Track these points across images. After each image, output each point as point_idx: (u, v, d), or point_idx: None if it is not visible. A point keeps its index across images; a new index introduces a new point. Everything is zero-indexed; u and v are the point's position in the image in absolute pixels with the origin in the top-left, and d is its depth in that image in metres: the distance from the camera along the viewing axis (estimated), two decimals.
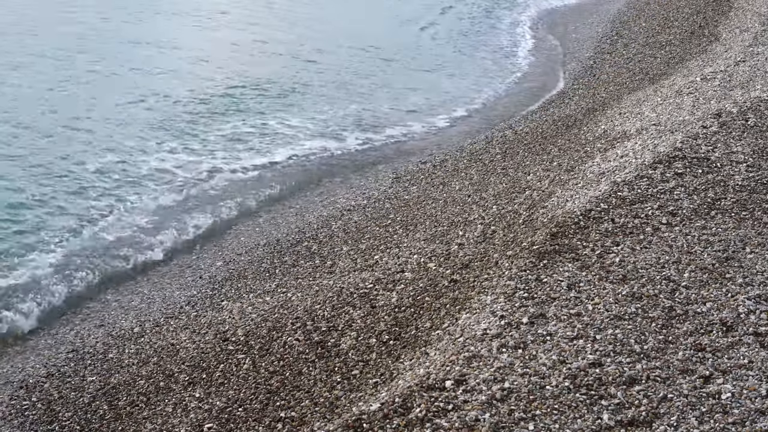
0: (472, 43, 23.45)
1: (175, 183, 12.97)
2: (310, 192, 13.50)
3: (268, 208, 12.81)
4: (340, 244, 11.03)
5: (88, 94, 16.30)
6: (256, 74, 18.65)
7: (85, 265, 10.36)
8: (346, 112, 16.77)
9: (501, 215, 10.14)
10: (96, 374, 8.40)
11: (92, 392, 8.14)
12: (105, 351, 8.82)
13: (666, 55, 18.66)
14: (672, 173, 9.41)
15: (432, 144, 15.86)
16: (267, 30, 22.95)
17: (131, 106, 15.95)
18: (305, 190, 13.47)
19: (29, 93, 16.08)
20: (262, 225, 12.13)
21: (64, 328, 9.40)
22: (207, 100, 16.75)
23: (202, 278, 10.42)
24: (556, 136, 14.01)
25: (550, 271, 7.40)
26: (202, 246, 11.45)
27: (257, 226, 12.10)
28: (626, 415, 5.48)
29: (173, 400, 7.76)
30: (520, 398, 5.65)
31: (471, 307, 7.26)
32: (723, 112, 11.47)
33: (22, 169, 12.81)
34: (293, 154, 14.52)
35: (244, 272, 10.48)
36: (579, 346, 6.21)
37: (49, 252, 10.47)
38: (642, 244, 7.83)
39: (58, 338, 9.20)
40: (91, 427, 7.62)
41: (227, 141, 14.95)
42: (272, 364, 7.93)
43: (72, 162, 13.17)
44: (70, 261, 10.39)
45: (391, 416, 5.64)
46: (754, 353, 6.09)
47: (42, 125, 14.57)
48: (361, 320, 8.23)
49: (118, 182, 12.73)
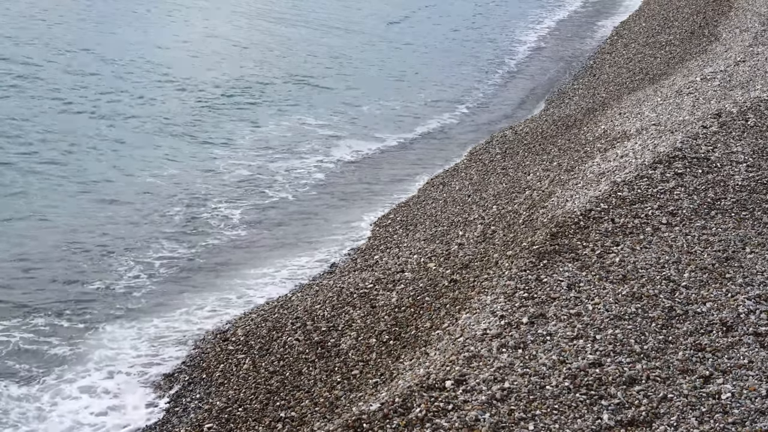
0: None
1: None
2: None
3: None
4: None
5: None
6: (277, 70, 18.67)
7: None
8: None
9: (501, 215, 10.14)
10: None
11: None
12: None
13: (666, 55, 18.67)
14: (672, 173, 9.41)
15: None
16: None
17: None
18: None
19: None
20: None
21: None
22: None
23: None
24: (556, 136, 14.01)
25: (550, 271, 7.40)
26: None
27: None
28: (626, 415, 5.48)
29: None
30: (520, 398, 5.65)
31: (471, 307, 7.26)
32: (723, 112, 11.47)
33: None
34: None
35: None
36: (579, 346, 6.21)
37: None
38: (642, 244, 7.83)
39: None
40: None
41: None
42: (272, 364, 7.93)
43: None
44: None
45: (391, 416, 5.64)
46: (754, 353, 6.09)
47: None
48: (361, 320, 8.23)
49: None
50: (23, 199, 11.99)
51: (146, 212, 11.93)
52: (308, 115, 16.61)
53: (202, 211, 12.18)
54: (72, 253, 10.65)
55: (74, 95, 16.13)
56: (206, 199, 12.49)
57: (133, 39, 20.42)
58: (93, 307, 9.58)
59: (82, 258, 10.59)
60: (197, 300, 9.78)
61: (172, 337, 8.99)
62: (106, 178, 12.97)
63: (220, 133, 15.27)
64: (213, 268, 10.62)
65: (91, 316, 9.39)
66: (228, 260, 10.80)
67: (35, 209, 11.69)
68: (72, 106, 15.62)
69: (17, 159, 13.22)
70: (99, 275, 10.22)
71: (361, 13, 25.83)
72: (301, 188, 13.26)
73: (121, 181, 12.93)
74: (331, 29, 23.46)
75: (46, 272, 10.19)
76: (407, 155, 15.20)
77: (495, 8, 28.16)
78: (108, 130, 14.80)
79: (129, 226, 11.52)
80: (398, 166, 14.61)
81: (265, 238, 11.56)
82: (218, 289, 10.06)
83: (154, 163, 13.63)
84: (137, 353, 8.74)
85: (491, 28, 25.50)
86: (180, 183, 12.97)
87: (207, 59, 19.69)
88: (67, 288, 9.95)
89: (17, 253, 10.57)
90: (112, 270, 10.37)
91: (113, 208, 11.97)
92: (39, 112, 15.12)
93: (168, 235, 11.33)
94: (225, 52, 20.54)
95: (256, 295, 9.84)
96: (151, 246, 11.04)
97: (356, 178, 13.93)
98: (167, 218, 11.80)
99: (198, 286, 10.15)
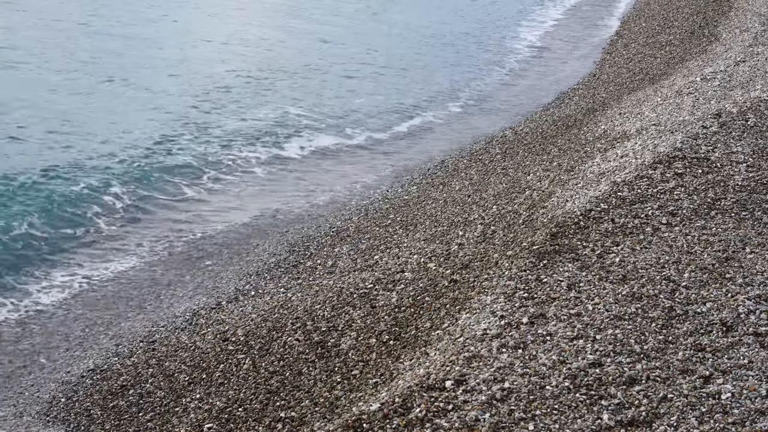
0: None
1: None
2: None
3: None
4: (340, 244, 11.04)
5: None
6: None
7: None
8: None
9: (501, 215, 10.14)
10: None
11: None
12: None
13: (666, 55, 18.67)
14: (672, 173, 9.41)
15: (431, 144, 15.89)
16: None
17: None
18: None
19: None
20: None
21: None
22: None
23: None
24: (556, 136, 14.01)
25: (550, 271, 7.40)
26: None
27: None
28: (626, 415, 5.48)
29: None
30: (520, 398, 5.65)
31: (471, 307, 7.26)
32: (723, 112, 11.47)
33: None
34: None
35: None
36: (579, 346, 6.22)
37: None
38: (642, 244, 7.83)
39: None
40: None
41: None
42: (272, 364, 7.93)
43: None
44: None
45: (391, 416, 5.64)
46: (754, 353, 6.09)
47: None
48: (361, 320, 8.23)
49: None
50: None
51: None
52: (293, 107, 16.66)
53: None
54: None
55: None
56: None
57: (131, 33, 20.50)
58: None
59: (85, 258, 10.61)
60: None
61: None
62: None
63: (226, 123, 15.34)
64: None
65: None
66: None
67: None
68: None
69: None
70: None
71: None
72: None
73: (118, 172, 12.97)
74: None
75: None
76: (404, 151, 15.22)
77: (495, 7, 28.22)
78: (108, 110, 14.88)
79: (125, 221, 11.55)
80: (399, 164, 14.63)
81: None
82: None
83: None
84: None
85: (493, 25, 25.53)
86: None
87: (208, 52, 19.78)
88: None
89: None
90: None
91: (105, 199, 11.99)
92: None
93: (159, 228, 11.35)
94: (226, 45, 20.61)
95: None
96: (144, 242, 11.08)
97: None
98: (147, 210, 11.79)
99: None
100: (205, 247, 11.29)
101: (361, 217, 12.01)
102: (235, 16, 24.16)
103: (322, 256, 10.64)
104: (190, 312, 9.44)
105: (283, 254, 10.87)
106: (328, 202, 13.02)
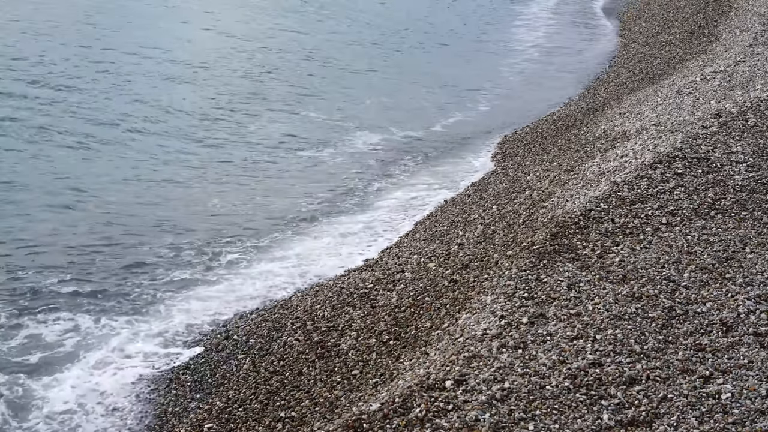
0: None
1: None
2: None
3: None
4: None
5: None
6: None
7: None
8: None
9: (501, 215, 10.14)
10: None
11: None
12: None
13: (666, 55, 18.67)
14: (672, 173, 9.41)
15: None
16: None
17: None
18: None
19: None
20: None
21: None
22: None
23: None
24: (556, 136, 14.01)
25: (550, 271, 7.40)
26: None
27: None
28: (626, 415, 5.48)
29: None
30: (520, 398, 5.65)
31: (471, 307, 7.26)
32: (723, 112, 11.48)
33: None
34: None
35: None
36: (579, 346, 6.22)
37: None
38: (642, 244, 7.83)
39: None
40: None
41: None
42: (272, 364, 7.94)
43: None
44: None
45: (391, 416, 5.64)
46: (754, 353, 6.10)
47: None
48: (361, 320, 8.24)
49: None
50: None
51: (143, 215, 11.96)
52: (314, 111, 16.75)
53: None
54: (78, 255, 10.68)
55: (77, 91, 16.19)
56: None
57: (141, 36, 20.56)
58: (92, 304, 9.58)
59: (88, 259, 10.61)
60: (198, 300, 9.78)
61: (172, 337, 8.99)
62: (121, 177, 13.02)
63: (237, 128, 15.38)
64: (210, 266, 10.62)
65: (88, 314, 9.39)
66: (229, 259, 10.81)
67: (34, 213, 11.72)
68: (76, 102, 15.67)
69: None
70: (101, 273, 10.24)
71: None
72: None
73: (132, 183, 12.97)
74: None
75: (44, 271, 10.20)
76: (409, 153, 15.22)
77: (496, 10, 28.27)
78: (120, 130, 14.87)
79: (133, 225, 11.54)
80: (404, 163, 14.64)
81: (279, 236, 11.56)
82: (218, 288, 10.05)
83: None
84: (137, 352, 8.74)
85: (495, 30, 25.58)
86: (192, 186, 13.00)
87: (218, 55, 19.86)
88: (66, 286, 9.96)
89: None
90: (113, 268, 10.39)
91: (118, 210, 11.99)
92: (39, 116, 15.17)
93: (168, 235, 11.33)
94: (234, 48, 20.67)
95: (259, 295, 9.83)
96: (150, 246, 11.05)
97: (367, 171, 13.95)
98: (167, 219, 11.80)
99: (197, 285, 10.15)
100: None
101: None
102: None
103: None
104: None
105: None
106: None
